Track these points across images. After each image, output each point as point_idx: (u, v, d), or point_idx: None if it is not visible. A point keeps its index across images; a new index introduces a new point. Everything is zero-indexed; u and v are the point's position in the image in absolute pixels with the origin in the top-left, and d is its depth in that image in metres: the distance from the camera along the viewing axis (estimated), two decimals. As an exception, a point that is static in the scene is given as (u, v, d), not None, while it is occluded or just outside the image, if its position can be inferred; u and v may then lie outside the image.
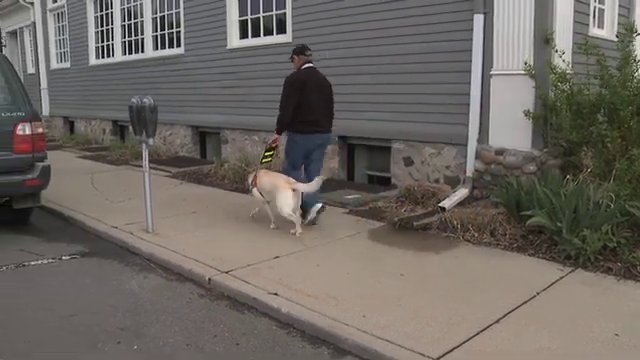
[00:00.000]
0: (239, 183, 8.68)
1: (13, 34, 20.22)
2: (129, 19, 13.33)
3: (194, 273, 4.77)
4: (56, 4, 16.43)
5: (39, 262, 5.39)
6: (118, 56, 13.78)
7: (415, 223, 5.88)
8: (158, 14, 12.24)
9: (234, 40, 10.21)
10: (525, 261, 5.00)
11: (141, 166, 10.16)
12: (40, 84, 17.79)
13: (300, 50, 6.37)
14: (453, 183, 7.09)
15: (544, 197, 5.45)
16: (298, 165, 6.29)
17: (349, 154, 8.70)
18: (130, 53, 13.44)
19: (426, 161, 7.40)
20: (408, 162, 7.60)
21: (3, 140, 5.93)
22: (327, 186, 7.93)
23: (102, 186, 8.76)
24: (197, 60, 11.04)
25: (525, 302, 4.04)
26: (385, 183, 8.11)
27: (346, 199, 7.10)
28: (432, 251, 5.23)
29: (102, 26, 14.43)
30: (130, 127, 13.30)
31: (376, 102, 7.85)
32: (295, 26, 8.93)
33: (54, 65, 17.11)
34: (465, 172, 6.94)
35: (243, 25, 10.11)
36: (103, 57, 14.52)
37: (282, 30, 9.28)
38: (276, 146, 6.49)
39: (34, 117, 6.19)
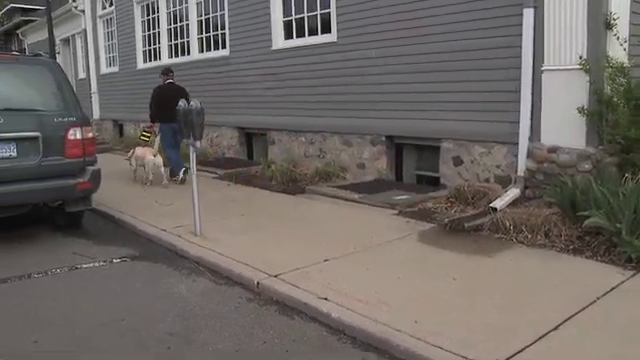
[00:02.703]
0: (287, 184, 8.69)
1: (66, 41, 20.77)
2: (175, 22, 13.49)
3: (243, 277, 4.76)
4: (105, 10, 16.79)
5: (91, 265, 5.49)
6: (165, 59, 13.96)
7: (466, 224, 5.74)
8: (203, 16, 12.36)
9: (279, 41, 10.21)
10: (582, 264, 4.81)
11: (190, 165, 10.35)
12: (90, 88, 18.23)
13: (164, 72, 9.95)
14: (504, 183, 6.90)
15: (601, 197, 5.25)
16: (170, 144, 9.47)
17: (397, 154, 8.58)
18: (176, 56, 13.61)
19: (476, 160, 7.23)
20: (457, 162, 7.44)
21: (55, 145, 6.05)
22: (375, 187, 7.90)
23: (150, 188, 8.87)
24: (242, 61, 11.08)
25: (584, 308, 3.87)
26: (434, 183, 7.97)
27: (395, 200, 7.00)
28: (485, 254, 5.09)
29: (149, 30, 14.66)
30: (177, 129, 13.66)
31: (424, 101, 7.72)
32: (340, 25, 8.86)
33: (104, 70, 17.50)
34: (516, 171, 6.74)
35: (287, 25, 10.10)
36: (150, 61, 14.75)
37: (327, 30, 9.22)
38: (152, 130, 9.78)
39: (84, 122, 6.31)
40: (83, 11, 17.84)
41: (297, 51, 9.76)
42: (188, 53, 13.02)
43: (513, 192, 6.48)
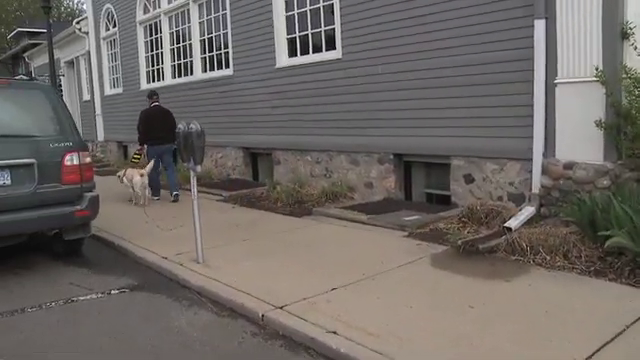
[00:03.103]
0: (293, 206, 8.45)
1: (70, 63, 20.74)
2: (178, 42, 13.37)
3: (246, 308, 4.50)
4: (109, 32, 16.71)
5: (88, 297, 5.24)
6: (168, 79, 13.84)
7: (480, 246, 5.47)
8: (206, 36, 12.22)
9: (283, 59, 10.03)
10: (606, 287, 4.52)
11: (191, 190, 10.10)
12: (95, 110, 18.13)
13: (150, 95, 10.33)
14: (518, 201, 6.63)
15: (623, 214, 4.98)
16: (156, 165, 9.78)
17: (406, 172, 8.33)
18: (179, 76, 13.48)
19: (488, 178, 6.97)
20: (469, 179, 7.18)
21: (51, 171, 5.84)
22: (384, 207, 7.64)
23: (153, 212, 8.63)
24: (246, 80, 10.90)
25: (613, 339, 3.59)
26: (445, 202, 7.71)
27: (405, 221, 6.73)
28: (501, 278, 4.81)
29: (152, 50, 14.55)
30: (182, 150, 13.47)
31: (433, 117, 7.48)
32: (345, 41, 8.66)
33: (107, 91, 17.39)
34: (531, 189, 6.48)
35: (291, 43, 9.92)
36: (154, 81, 14.62)
37: (331, 46, 9.03)
38: (141, 153, 10.01)
39: (82, 147, 6.10)
40: (87, 33, 17.79)
41: (302, 69, 9.56)
42: (191, 73, 12.88)
43: (528, 211, 6.21)
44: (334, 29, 8.89)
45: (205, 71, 12.42)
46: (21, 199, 5.63)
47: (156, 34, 14.20)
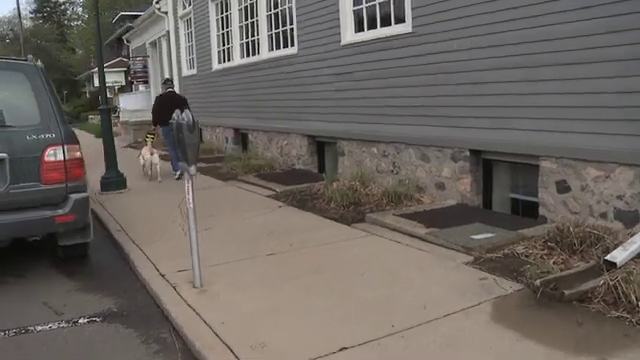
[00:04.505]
0: (346, 208, 7.10)
1: (154, 45, 20.36)
2: (246, 19, 12.28)
3: (218, 372, 3.25)
4: (185, 10, 15.99)
5: (47, 327, 4.26)
6: (237, 59, 12.83)
7: (567, 292, 3.86)
8: (272, 11, 11.02)
9: (348, 34, 8.62)
10: None
11: (249, 182, 9.04)
12: (173, 92, 17.54)
13: (164, 82, 11.58)
14: (628, 221, 4.92)
15: None
16: (171, 143, 9.98)
17: (485, 173, 6.72)
18: (247, 56, 12.41)
19: (588, 187, 5.27)
20: (562, 188, 5.51)
21: (28, 168, 4.87)
22: (453, 216, 6.13)
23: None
24: (310, 60, 9.60)
25: None
26: (532, 211, 6.07)
27: (473, 241, 5.19)
28: (595, 353, 3.20)
29: (223, 29, 13.57)
30: (251, 135, 12.45)
31: (520, 105, 5.85)
32: (416, 12, 7.12)
33: (185, 72, 16.72)
34: (649, 205, 4.75)
35: (358, 15, 8.49)
36: (224, 61, 13.67)
37: (401, 19, 7.52)
38: (154, 133, 11.16)
39: (68, 139, 5.07)
40: (166, 13, 17.19)
41: (367, 45, 8.12)
42: (258, 52, 11.75)
43: (643, 237, 4.49)
44: (404, -3, 7.38)
45: (272, 49, 11.25)
46: None
47: (227, 11, 13.19)
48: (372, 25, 8.18)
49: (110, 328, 4.17)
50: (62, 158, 4.96)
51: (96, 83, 35.85)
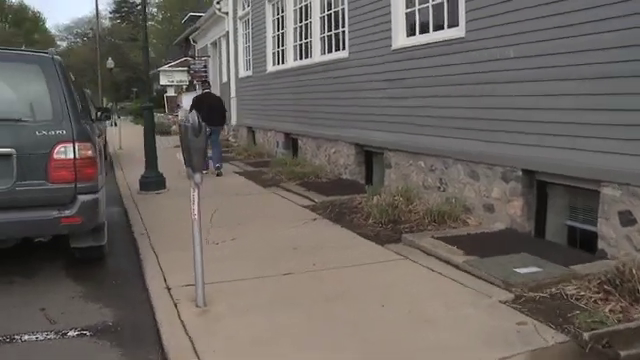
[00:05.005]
0: (384, 226, 6.55)
1: (214, 45, 20.37)
2: (300, 21, 11.90)
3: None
4: (244, 11, 15.84)
5: (34, 337, 3.97)
6: (290, 62, 12.47)
7: (623, 353, 3.19)
8: (326, 12, 10.57)
9: (399, 38, 8.05)
10: None
11: (290, 190, 8.62)
12: (230, 93, 17.41)
13: (202, 83, 13.68)
14: None
15: None
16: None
17: (539, 196, 6.01)
18: (300, 58, 12.02)
19: (657, 221, 4.54)
20: (626, 220, 4.77)
21: (36, 165, 4.60)
22: (499, 243, 5.50)
23: (224, 216, 7.28)
24: (360, 64, 9.09)
25: None
26: (590, 243, 5.34)
27: (515, 275, 4.55)
28: None
29: (278, 30, 13.26)
30: (301, 140, 12.03)
31: (580, 122, 5.15)
32: (470, 15, 6.50)
33: (241, 73, 16.53)
34: None
35: (410, 18, 7.92)
36: (278, 64, 13.34)
37: (454, 22, 6.91)
38: None
39: (80, 137, 4.75)
40: (227, 13, 17.10)
41: (418, 50, 7.53)
42: (310, 55, 11.33)
43: None
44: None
45: (324, 53, 10.81)
46: None
47: (282, 12, 12.86)
48: (424, 29, 7.59)
49: (97, 345, 3.83)
50: (72, 156, 4.67)
51: (162, 82, 36.59)
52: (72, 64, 55.34)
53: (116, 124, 17.83)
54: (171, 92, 34.98)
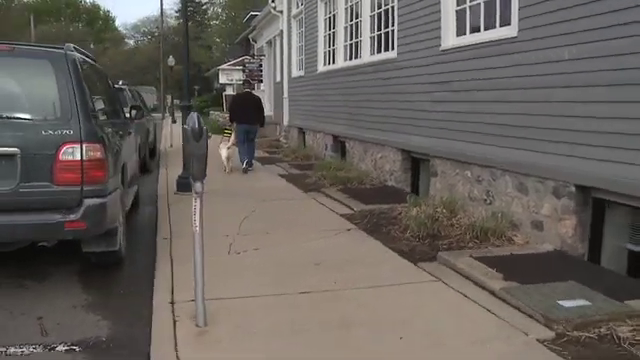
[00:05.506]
0: (422, 241, 6.05)
1: (269, 44, 20.20)
2: (351, 19, 11.46)
3: None
4: (298, 9, 15.54)
5: (20, 350, 3.73)
6: (340, 62, 12.06)
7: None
8: (376, 11, 10.10)
9: (449, 37, 7.49)
10: None
11: (330, 196, 8.22)
12: (283, 93, 17.16)
13: (243, 82, 15.28)
14: None
15: None
16: (241, 140, 11.54)
17: (595, 216, 5.36)
18: (350, 59, 11.58)
19: None
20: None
21: (41, 166, 4.36)
22: (545, 268, 4.92)
23: (254, 222, 6.96)
24: (408, 66, 8.57)
25: None
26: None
27: (558, 308, 3.97)
28: None
29: (329, 29, 12.86)
30: (349, 144, 11.59)
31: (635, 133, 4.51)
32: (523, 12, 5.89)
33: (294, 73, 16.21)
34: None
35: (460, 16, 7.35)
36: (328, 64, 12.94)
37: (507, 21, 6.31)
38: (231, 129, 11.99)
39: (89, 137, 4.49)
40: (281, 12, 16.84)
41: (468, 51, 6.97)
42: (360, 55, 10.88)
43: None
44: (511, -5, 6.17)
45: (373, 53, 10.34)
46: None
47: (334, 10, 12.45)
48: (475, 28, 7.02)
49: (83, 366, 3.52)
50: (79, 158, 4.41)
51: (221, 80, 36.88)
52: (137, 62, 56.85)
53: (175, 121, 18.02)
54: (230, 91, 35.18)
